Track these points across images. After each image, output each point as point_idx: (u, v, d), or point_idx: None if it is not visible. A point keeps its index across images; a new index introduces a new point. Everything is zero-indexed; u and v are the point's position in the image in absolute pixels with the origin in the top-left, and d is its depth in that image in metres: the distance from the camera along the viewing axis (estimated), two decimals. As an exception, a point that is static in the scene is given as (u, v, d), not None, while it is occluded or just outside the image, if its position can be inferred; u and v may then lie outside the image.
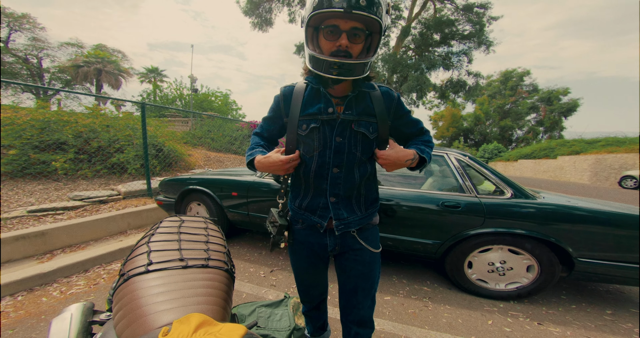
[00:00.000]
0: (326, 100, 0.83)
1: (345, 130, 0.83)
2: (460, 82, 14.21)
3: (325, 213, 0.87)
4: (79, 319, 0.65)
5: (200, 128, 8.83)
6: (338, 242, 0.90)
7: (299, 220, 0.94)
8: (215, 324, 0.40)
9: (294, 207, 0.94)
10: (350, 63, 0.72)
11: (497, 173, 1.99)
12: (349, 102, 0.83)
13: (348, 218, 0.87)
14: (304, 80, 0.89)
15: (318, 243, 0.92)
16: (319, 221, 0.88)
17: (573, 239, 1.73)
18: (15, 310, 1.68)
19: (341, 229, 0.87)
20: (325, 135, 0.83)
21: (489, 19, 12.48)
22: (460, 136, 35.43)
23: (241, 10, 13.58)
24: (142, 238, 0.73)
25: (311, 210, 0.89)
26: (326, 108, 0.82)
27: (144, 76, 27.61)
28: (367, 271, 0.92)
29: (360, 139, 0.84)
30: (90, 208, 3.16)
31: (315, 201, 0.88)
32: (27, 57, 20.29)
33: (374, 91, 0.87)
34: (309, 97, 0.86)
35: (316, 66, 0.76)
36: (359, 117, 0.83)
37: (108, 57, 21.39)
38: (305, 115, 0.84)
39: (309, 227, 0.92)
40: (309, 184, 0.89)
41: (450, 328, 1.63)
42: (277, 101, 0.91)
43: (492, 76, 34.37)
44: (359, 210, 0.89)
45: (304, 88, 0.87)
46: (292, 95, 0.88)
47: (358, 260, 0.91)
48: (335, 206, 0.87)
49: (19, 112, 4.09)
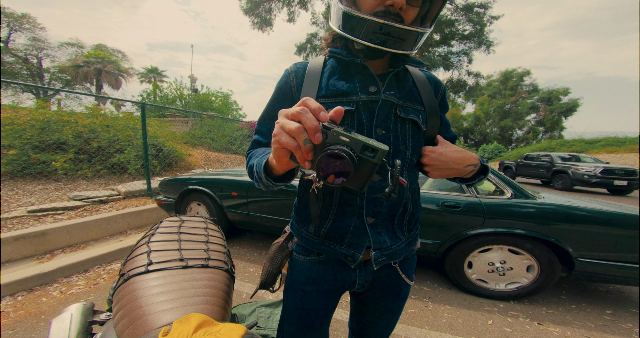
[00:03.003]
0: (366, 75, 0.58)
1: (388, 118, 0.58)
2: (460, 82, 14.21)
3: (359, 241, 0.60)
4: (79, 319, 0.65)
5: (200, 128, 8.83)
6: (370, 278, 0.65)
7: (312, 251, 0.65)
8: (215, 324, 0.40)
9: (307, 235, 0.65)
10: (403, 29, 0.50)
11: (497, 173, 1.99)
12: (390, 81, 0.59)
13: (392, 247, 0.62)
14: (326, 54, 0.64)
15: (340, 278, 0.64)
16: (349, 253, 0.60)
17: (573, 239, 1.73)
18: (15, 310, 1.68)
19: (382, 261, 0.61)
20: (361, 124, 0.57)
21: (489, 18, 12.49)
22: (460, 136, 35.44)
23: (241, 9, 13.59)
24: (142, 238, 0.73)
25: (336, 238, 0.61)
26: (365, 86, 0.58)
27: (144, 76, 27.63)
28: (397, 307, 0.71)
29: (410, 131, 0.60)
30: (90, 208, 3.16)
31: (343, 224, 0.60)
32: (27, 57, 20.30)
33: (416, 71, 0.66)
34: (335, 72, 0.60)
35: (351, 29, 0.54)
36: (404, 101, 0.59)
37: (108, 57, 21.40)
38: (331, 95, 0.58)
39: (328, 260, 0.64)
40: (332, 200, 0.61)
41: (450, 328, 1.63)
42: (287, 78, 0.63)
43: (492, 76, 34.40)
44: (402, 234, 0.64)
45: (323, 62, 0.63)
46: (307, 71, 0.62)
47: (391, 296, 0.69)
48: (375, 230, 0.60)
49: (19, 112, 4.10)
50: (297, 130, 0.35)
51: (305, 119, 0.35)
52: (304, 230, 0.65)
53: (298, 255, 0.68)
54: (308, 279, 0.65)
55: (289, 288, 0.69)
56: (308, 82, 0.60)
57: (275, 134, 0.37)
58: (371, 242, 0.60)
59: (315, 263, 0.65)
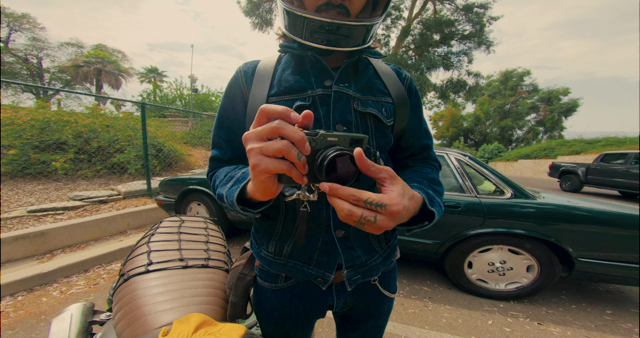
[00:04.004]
0: (320, 68, 0.53)
1: (347, 112, 0.52)
2: (460, 82, 14.21)
3: (328, 259, 0.52)
4: (79, 319, 0.65)
5: (200, 128, 8.83)
6: (349, 299, 0.57)
7: (278, 275, 0.56)
8: (215, 324, 0.40)
9: (267, 255, 0.55)
10: (348, 25, 0.45)
11: (497, 173, 1.99)
12: (344, 73, 0.53)
13: (367, 263, 0.54)
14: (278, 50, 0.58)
15: (316, 303, 0.57)
16: (318, 274, 0.52)
17: (573, 239, 1.73)
18: (15, 310, 1.68)
19: (356, 281, 0.54)
20: (319, 121, 0.51)
21: (489, 19, 12.50)
22: (460, 136, 35.44)
23: (242, 10, 13.59)
24: (142, 238, 0.73)
25: (302, 257, 0.53)
26: (321, 80, 0.52)
27: (144, 76, 27.64)
28: (381, 322, 0.65)
29: (372, 126, 0.53)
30: (90, 208, 3.16)
31: (310, 240, 0.52)
32: (27, 57, 20.30)
33: (379, 63, 0.60)
34: (288, 67, 0.55)
35: (293, 29, 0.49)
36: (362, 94, 0.54)
37: (108, 57, 21.40)
38: (284, 91, 0.52)
39: (297, 285, 0.55)
40: (293, 213, 0.52)
41: (450, 328, 1.63)
42: (236, 79, 0.56)
43: (492, 76, 34.41)
44: (378, 245, 0.56)
45: (277, 59, 0.58)
46: (257, 69, 0.56)
47: (373, 312, 0.62)
48: (346, 245, 0.52)
49: (19, 112, 4.10)
50: (285, 148, 0.29)
51: (288, 132, 0.30)
52: (264, 249, 0.56)
53: (263, 281, 0.58)
54: (278, 309, 0.57)
55: (260, 316, 0.61)
56: (258, 81, 0.54)
57: (256, 164, 0.31)
58: (342, 259, 0.52)
59: (285, 290, 0.56)
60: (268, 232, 0.55)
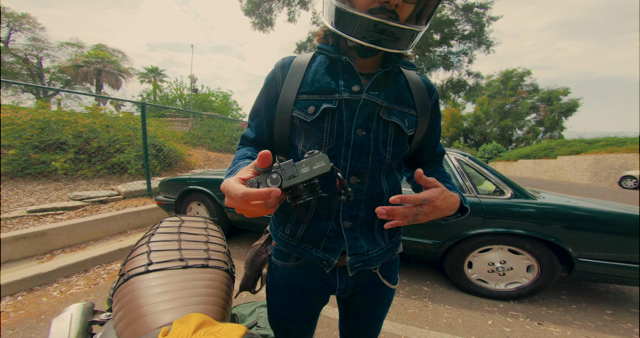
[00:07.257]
0: (350, 73, 0.57)
1: (370, 119, 0.56)
2: (460, 82, 14.21)
3: (334, 245, 0.58)
4: (79, 319, 0.65)
5: (200, 128, 8.84)
6: (351, 284, 0.63)
7: (290, 255, 0.64)
8: (215, 324, 0.40)
9: (283, 237, 0.63)
10: (398, 28, 0.48)
11: (497, 173, 1.99)
12: (375, 82, 0.57)
13: (369, 253, 0.59)
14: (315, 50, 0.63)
15: (321, 284, 0.63)
16: (324, 258, 0.58)
17: (573, 239, 1.73)
18: (15, 310, 1.68)
19: (357, 267, 0.59)
20: (341, 123, 0.55)
21: (489, 19, 12.50)
22: (460, 136, 35.44)
23: (242, 9, 13.59)
24: (142, 238, 0.73)
25: (312, 241, 0.59)
26: (349, 85, 0.56)
27: (144, 76, 27.62)
28: (382, 311, 0.70)
29: (392, 134, 0.58)
30: (90, 208, 3.16)
31: (319, 227, 0.59)
32: (27, 57, 20.29)
33: (412, 74, 0.63)
34: (321, 68, 0.59)
35: (344, 26, 0.51)
36: (390, 103, 0.57)
37: (108, 57, 21.40)
38: (314, 92, 0.56)
39: (305, 265, 0.63)
40: (310, 202, 0.59)
41: (450, 328, 1.63)
42: (274, 72, 0.61)
43: (493, 76, 34.40)
44: (382, 239, 0.62)
45: (311, 57, 0.62)
46: (292, 65, 0.60)
47: (374, 301, 0.68)
48: (352, 235, 0.58)
49: (19, 112, 4.10)
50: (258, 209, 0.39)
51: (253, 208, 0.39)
52: (280, 231, 0.64)
53: (276, 260, 0.67)
54: (288, 285, 0.65)
55: (270, 290, 0.69)
56: (291, 76, 0.58)
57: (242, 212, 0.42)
58: (347, 247, 0.58)
59: (295, 268, 0.64)
60: (285, 217, 0.63)
